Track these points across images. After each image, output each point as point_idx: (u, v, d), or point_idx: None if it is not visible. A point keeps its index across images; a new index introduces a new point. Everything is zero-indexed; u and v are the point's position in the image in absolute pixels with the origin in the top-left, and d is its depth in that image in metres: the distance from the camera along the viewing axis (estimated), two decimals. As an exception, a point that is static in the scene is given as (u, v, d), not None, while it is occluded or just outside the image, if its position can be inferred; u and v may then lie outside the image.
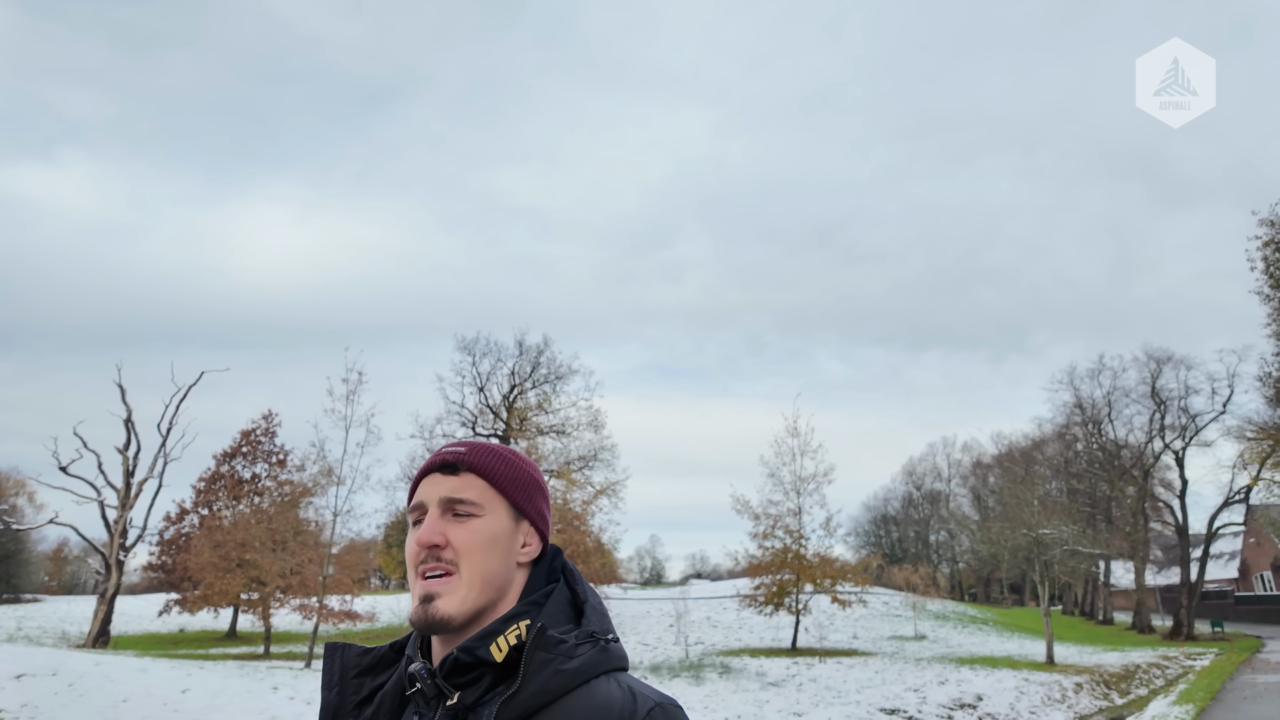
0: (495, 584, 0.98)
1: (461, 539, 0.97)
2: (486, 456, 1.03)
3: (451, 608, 0.94)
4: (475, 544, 0.97)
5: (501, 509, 1.01)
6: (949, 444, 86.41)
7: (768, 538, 25.38)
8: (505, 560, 1.00)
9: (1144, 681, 20.47)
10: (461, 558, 0.96)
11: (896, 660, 21.15)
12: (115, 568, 28.09)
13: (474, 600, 0.95)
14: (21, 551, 65.21)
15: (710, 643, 27.20)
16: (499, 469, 1.02)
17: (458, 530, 0.97)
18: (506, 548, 1.00)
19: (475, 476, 1.01)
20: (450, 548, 0.96)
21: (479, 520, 0.99)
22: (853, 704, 12.70)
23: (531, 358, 38.26)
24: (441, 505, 0.99)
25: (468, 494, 0.99)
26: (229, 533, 24.37)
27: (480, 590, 0.96)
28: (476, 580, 0.96)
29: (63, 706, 6.67)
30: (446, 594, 0.94)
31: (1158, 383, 39.59)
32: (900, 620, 35.15)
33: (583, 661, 0.91)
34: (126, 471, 29.23)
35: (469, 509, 0.98)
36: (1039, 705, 15.11)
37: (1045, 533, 21.62)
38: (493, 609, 0.98)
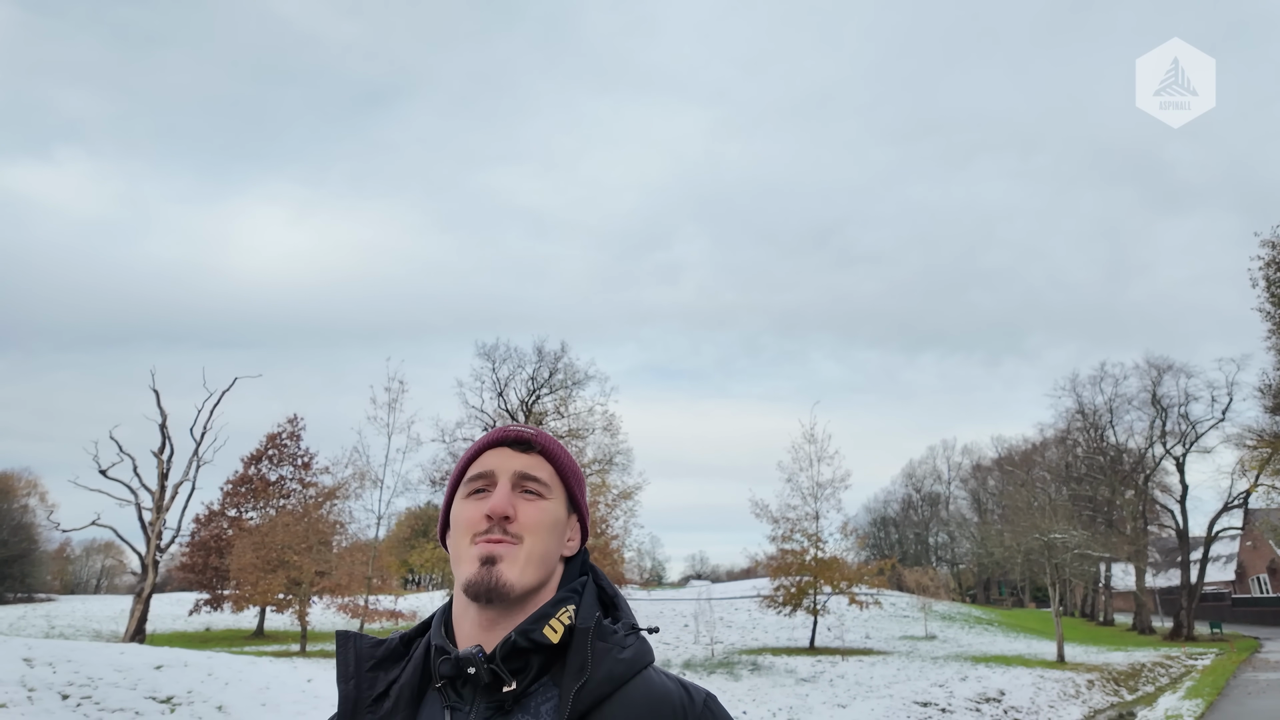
0: (549, 567, 0.98)
1: (530, 515, 0.97)
2: (554, 443, 1.05)
3: (514, 575, 0.92)
4: (542, 523, 0.97)
5: (561, 497, 1.02)
6: (949, 447, 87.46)
7: (787, 540, 26.33)
8: (558, 548, 1.00)
9: (1150, 679, 21.45)
10: (527, 533, 0.95)
11: (913, 659, 22.11)
12: (151, 568, 28.91)
13: (533, 575, 0.94)
14: (35, 551, 65.87)
15: (729, 642, 28.11)
16: (564, 458, 1.04)
17: (526, 507, 0.97)
18: (560, 535, 1.01)
19: (544, 460, 1.02)
20: (518, 522, 0.96)
21: (546, 502, 0.99)
22: (887, 698, 13.64)
23: (550, 363, 39.17)
24: (513, 478, 0.99)
25: (540, 473, 1.00)
26: (268, 534, 25.21)
27: (539, 567, 0.96)
28: (536, 556, 0.95)
29: (219, 691, 7.53)
30: (509, 560, 0.93)
31: (1158, 390, 40.73)
32: (909, 621, 36.11)
33: (634, 652, 0.92)
34: (161, 475, 30.08)
35: (538, 488, 0.99)
36: (1056, 700, 16.07)
37: (1056, 536, 22.60)
38: (543, 590, 0.97)
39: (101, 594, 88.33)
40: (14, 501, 67.33)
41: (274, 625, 35.85)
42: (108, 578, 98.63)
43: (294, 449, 36.33)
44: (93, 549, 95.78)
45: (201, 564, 33.58)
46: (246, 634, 34.45)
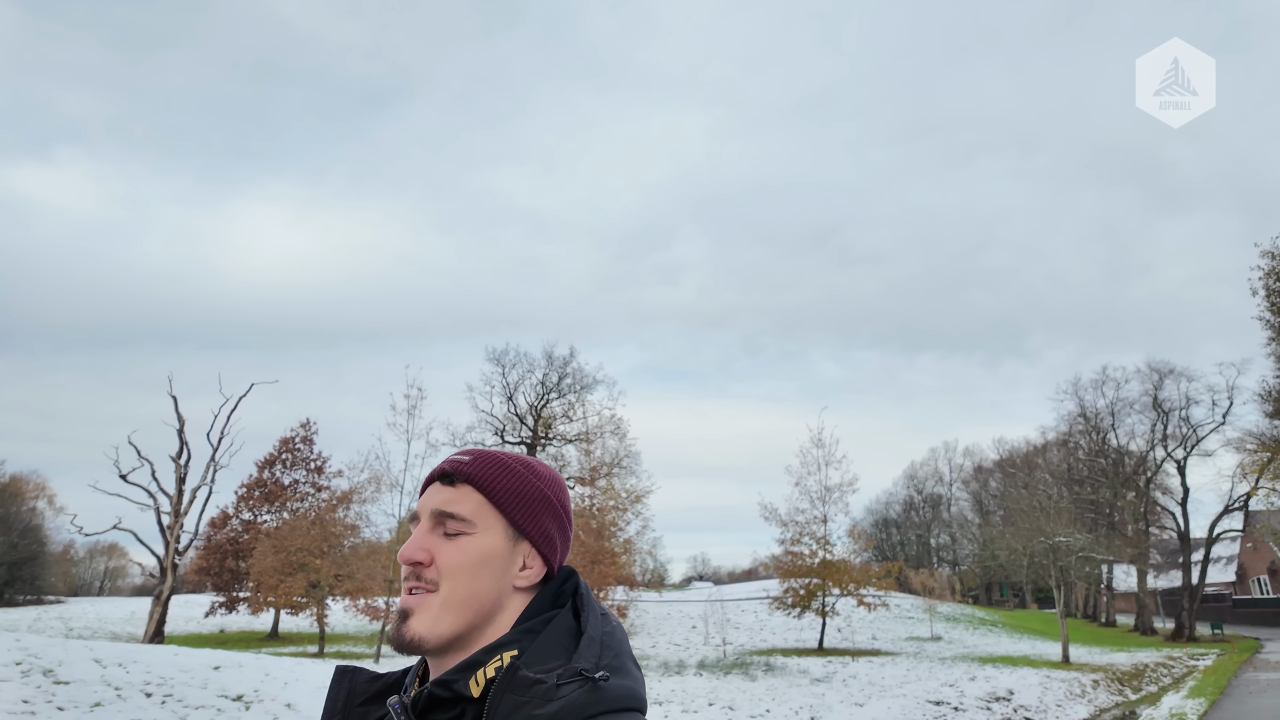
0: (480, 608, 0.89)
1: (447, 557, 0.89)
2: (489, 468, 0.94)
3: (423, 628, 0.86)
4: (461, 564, 0.89)
5: (497, 527, 0.92)
6: (950, 448, 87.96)
7: (796, 544, 26.81)
8: (496, 582, 0.91)
9: (1153, 679, 21.93)
10: (444, 578, 0.88)
11: (921, 659, 22.59)
12: (170, 571, 29.42)
13: (449, 624, 0.87)
14: (44, 554, 66.39)
15: (738, 643, 28.59)
16: (500, 482, 0.93)
17: (445, 548, 0.90)
18: (499, 569, 0.91)
19: (472, 489, 0.93)
20: (434, 566, 0.89)
21: (469, 538, 0.90)
22: (901, 697, 14.12)
23: (559, 368, 39.69)
24: (433, 519, 0.92)
25: (460, 509, 0.91)
26: (287, 538, 25.69)
27: (458, 613, 0.87)
28: (455, 601, 0.87)
29: (281, 689, 7.97)
30: (420, 612, 0.87)
31: (1159, 394, 41.24)
32: (913, 622, 36.58)
33: (564, 705, 0.76)
34: (179, 479, 30.60)
35: (459, 526, 0.90)
36: (1063, 699, 16.55)
37: (1061, 540, 23.09)
38: (477, 634, 0.88)
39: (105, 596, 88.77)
40: (23, 504, 67.90)
41: (286, 627, 36.33)
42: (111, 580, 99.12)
43: (306, 453, 36.82)
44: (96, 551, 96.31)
45: (217, 567, 34.07)
46: (261, 635, 34.93)
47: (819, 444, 27.81)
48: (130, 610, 49.42)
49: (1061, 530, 23.87)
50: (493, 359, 39.17)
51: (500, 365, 39.29)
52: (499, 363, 39.35)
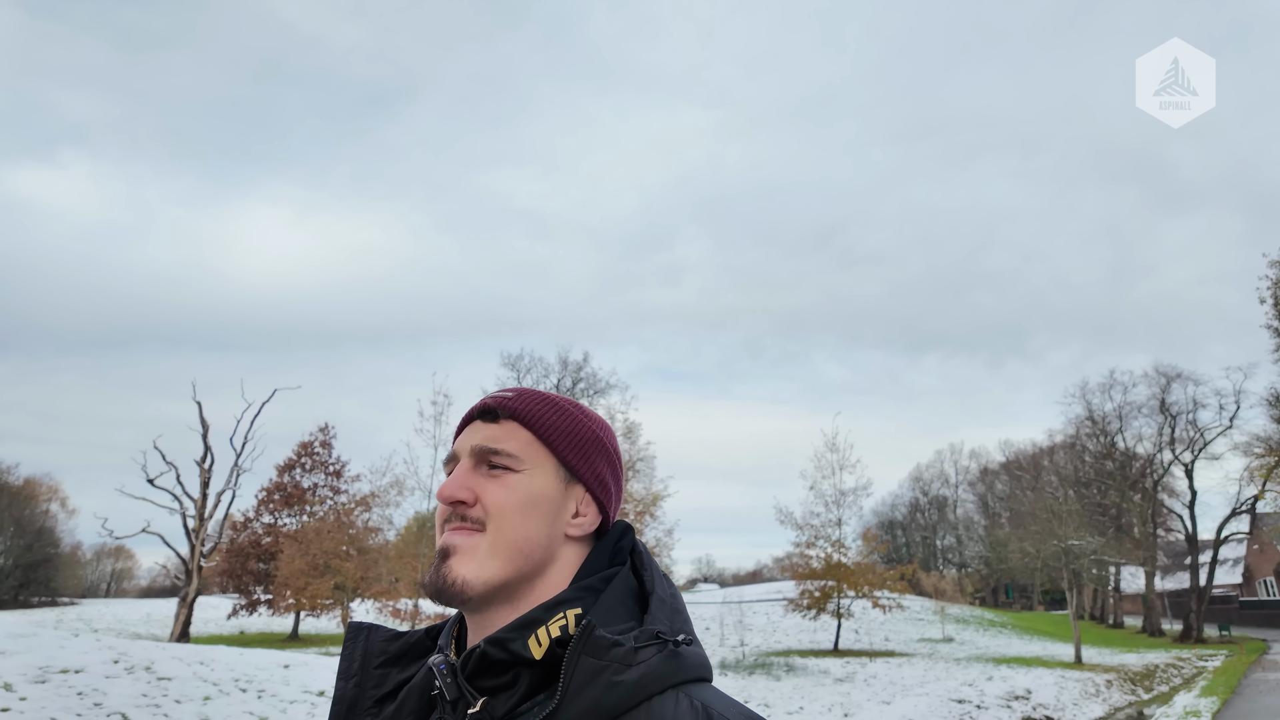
0: (530, 555, 0.77)
1: (493, 495, 0.78)
2: (536, 404, 0.83)
3: (469, 571, 0.74)
4: (508, 503, 0.77)
5: (548, 467, 0.81)
6: (956, 450, 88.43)
7: (811, 546, 27.31)
8: (548, 528, 0.79)
9: (1164, 679, 22.41)
10: (491, 518, 0.77)
11: (936, 660, 23.08)
12: (195, 573, 29.98)
13: (497, 569, 0.75)
14: (57, 556, 67.12)
15: (753, 645, 29.08)
16: (550, 419, 0.82)
17: (490, 486, 0.78)
18: (550, 513, 0.79)
19: (519, 426, 0.81)
20: (480, 505, 0.77)
21: (516, 476, 0.79)
22: (924, 695, 14.63)
23: (572, 372, 40.21)
24: (475, 456, 0.80)
25: (506, 444, 0.80)
26: (313, 540, 26.25)
27: (507, 559, 0.76)
28: (504, 545, 0.76)
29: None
30: (464, 552, 0.75)
31: (1167, 397, 41.71)
32: (924, 624, 37.03)
33: (644, 671, 0.68)
34: (203, 483, 31.15)
35: (505, 461, 0.79)
36: (1079, 699, 17.04)
37: (1074, 543, 23.58)
38: (527, 587, 0.77)
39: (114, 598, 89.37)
40: (36, 507, 68.59)
41: (306, 629, 36.87)
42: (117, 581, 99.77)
43: (325, 457, 37.37)
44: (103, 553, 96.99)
45: (240, 569, 34.64)
46: (282, 637, 35.47)
47: (833, 448, 28.35)
48: (145, 612, 50.02)
49: (1073, 533, 24.34)
50: (507, 363, 39.68)
51: (515, 369, 39.80)
52: (513, 367, 39.86)
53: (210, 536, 31.38)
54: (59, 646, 8.21)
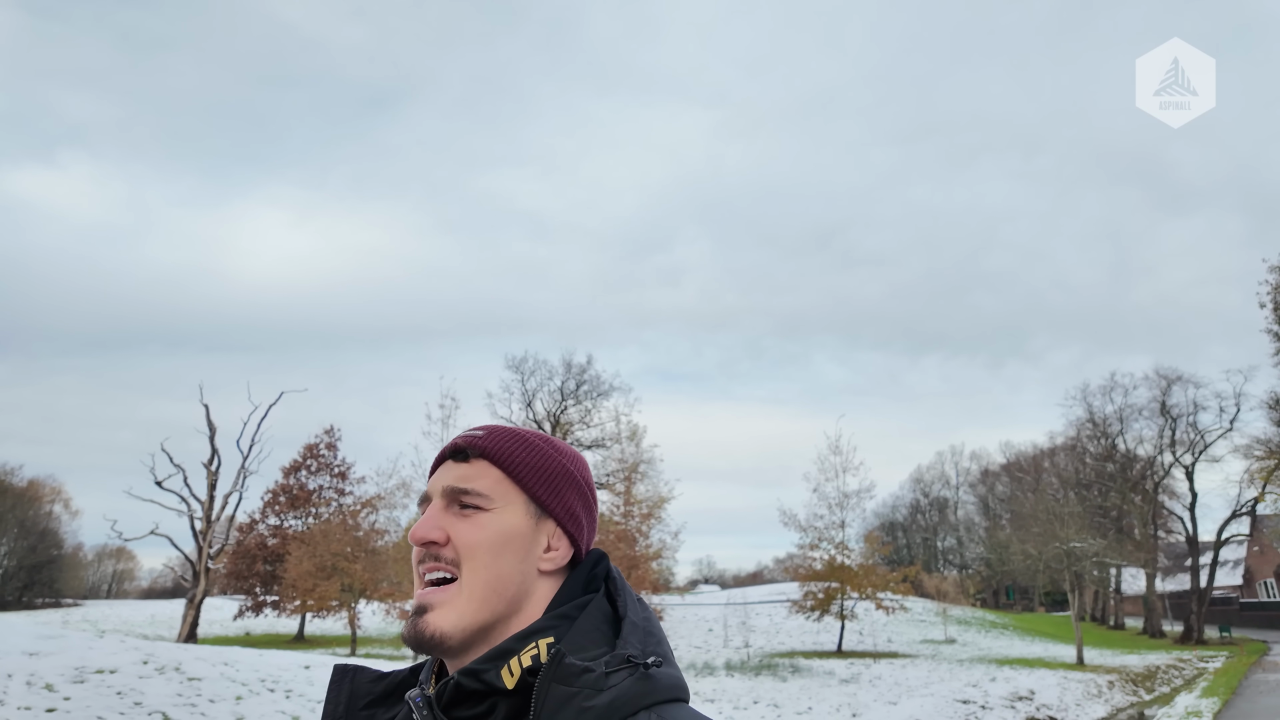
0: (505, 594, 0.79)
1: (464, 535, 0.79)
2: (506, 441, 0.85)
3: (447, 623, 0.76)
4: (481, 542, 0.79)
5: (518, 504, 0.82)
6: (957, 452, 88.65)
7: (815, 549, 27.52)
8: (520, 565, 0.80)
9: (1165, 680, 22.61)
10: (464, 559, 0.78)
11: (939, 661, 23.28)
12: (203, 575, 30.20)
13: (475, 614, 0.77)
14: (62, 556, 67.29)
15: (756, 646, 29.29)
16: (519, 456, 0.84)
17: (462, 526, 0.80)
18: (522, 550, 0.81)
19: (489, 464, 0.83)
20: (451, 546, 0.79)
21: (487, 515, 0.80)
22: (929, 696, 14.83)
23: (576, 375, 40.44)
24: (446, 496, 0.82)
25: (477, 484, 0.81)
26: (320, 542, 26.46)
27: (484, 601, 0.77)
28: (479, 588, 0.78)
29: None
30: (442, 605, 0.77)
31: (1167, 400, 41.94)
32: (927, 625, 37.24)
33: (616, 695, 0.69)
34: (210, 485, 31.38)
35: (475, 500, 0.81)
36: (1081, 699, 17.24)
37: (1076, 545, 23.78)
38: (502, 625, 0.78)
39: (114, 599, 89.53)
40: (39, 508, 68.79)
41: (311, 630, 37.08)
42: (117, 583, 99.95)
43: (330, 459, 37.60)
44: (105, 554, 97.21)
45: (246, 570, 34.85)
46: (287, 638, 35.67)
47: (836, 450, 28.56)
48: (150, 613, 50.19)
49: (1075, 535, 24.55)
50: (512, 366, 39.96)
51: (519, 373, 40.07)
52: (518, 370, 40.13)
53: (217, 538, 31.63)
54: (88, 648, 8.42)
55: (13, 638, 7.80)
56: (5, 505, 61.24)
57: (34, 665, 6.82)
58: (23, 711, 5.57)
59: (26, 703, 5.77)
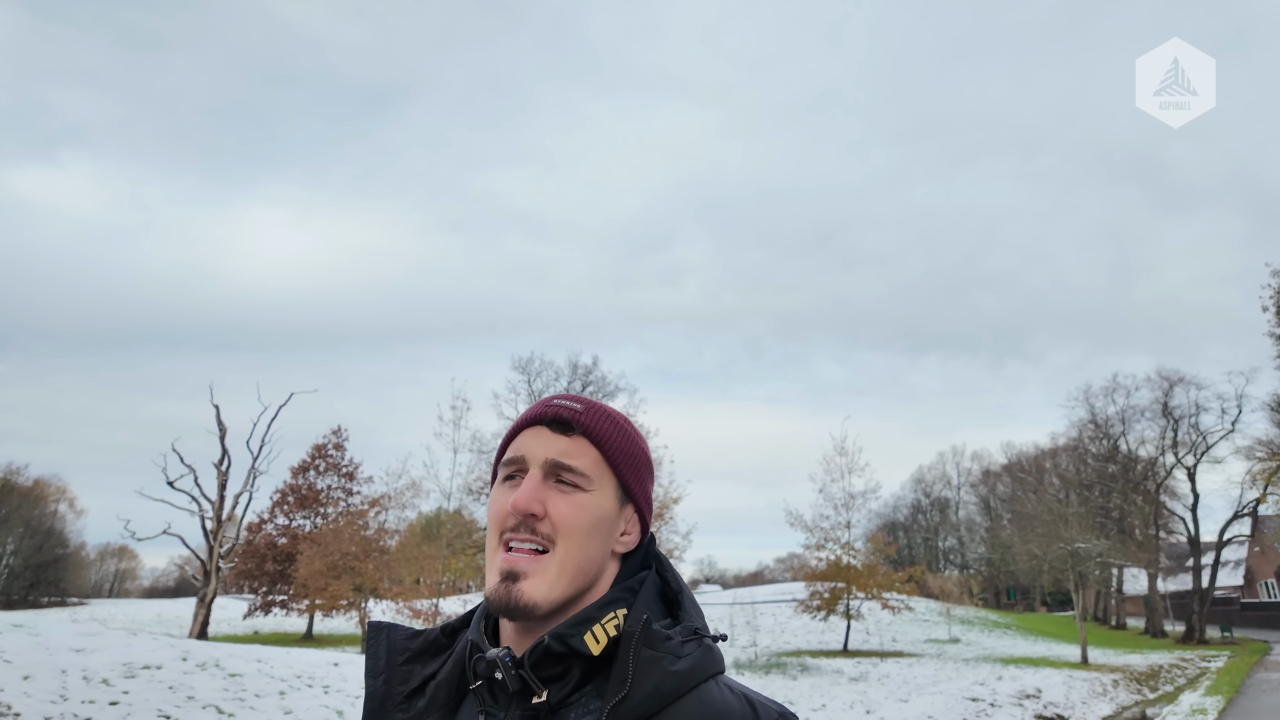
0: (589, 573, 0.83)
1: (565, 514, 0.82)
2: (605, 422, 0.87)
3: (539, 593, 0.79)
4: (579, 523, 0.82)
5: (610, 487, 0.86)
6: (958, 452, 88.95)
7: (821, 549, 27.78)
8: (604, 547, 0.85)
9: (1169, 679, 22.87)
10: (560, 535, 0.81)
11: (945, 660, 23.54)
12: (214, 574, 30.47)
13: (564, 588, 0.81)
14: (69, 556, 67.59)
15: (763, 645, 29.54)
16: (616, 440, 0.87)
17: (561, 502, 0.82)
18: (608, 533, 0.86)
19: (589, 443, 0.86)
20: (549, 521, 0.81)
21: (586, 496, 0.84)
22: (939, 694, 15.09)
23: (582, 376, 40.70)
24: (546, 468, 0.84)
25: (579, 462, 0.84)
26: (332, 542, 26.73)
27: (573, 578, 0.82)
28: (571, 565, 0.81)
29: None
30: (535, 575, 0.80)
31: (1169, 401, 42.19)
32: (930, 625, 37.49)
33: (692, 662, 0.77)
34: (220, 485, 31.64)
35: (577, 479, 0.84)
36: (1087, 698, 17.51)
37: (1081, 546, 24.04)
38: (580, 599, 0.83)
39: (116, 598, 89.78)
40: (45, 507, 69.10)
41: (319, 629, 37.36)
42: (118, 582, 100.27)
43: (338, 459, 37.87)
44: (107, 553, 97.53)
45: (256, 570, 35.13)
46: (296, 637, 35.94)
47: (842, 452, 28.81)
48: (155, 612, 50.49)
49: (1080, 537, 24.81)
50: (518, 367, 40.19)
51: (525, 374, 40.32)
52: (524, 371, 40.37)
53: (228, 538, 31.88)
54: (127, 645, 8.68)
55: (58, 635, 8.06)
56: (11, 505, 61.56)
57: (84, 661, 7.07)
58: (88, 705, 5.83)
59: (89, 696, 6.03)
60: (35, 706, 5.43)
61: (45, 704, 5.54)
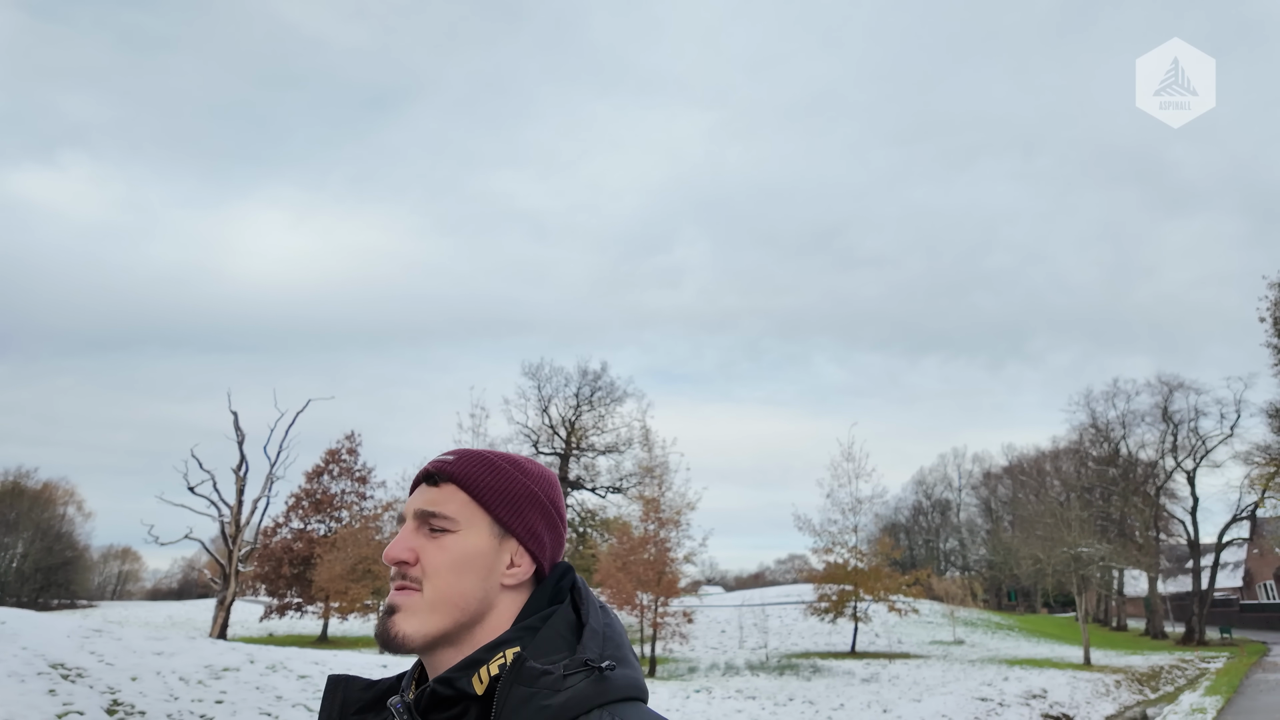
0: (466, 608, 0.88)
1: (430, 556, 0.89)
2: (473, 466, 0.93)
3: (410, 627, 0.86)
4: (443, 563, 0.88)
5: (482, 525, 0.92)
6: (959, 454, 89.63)
7: (829, 553, 28.40)
8: (482, 582, 0.90)
9: (1170, 680, 23.50)
10: (427, 577, 0.88)
11: (951, 662, 24.15)
12: (233, 577, 31.08)
13: (435, 623, 0.86)
14: (78, 558, 68.14)
15: (772, 647, 30.15)
16: (484, 480, 0.93)
17: (429, 547, 0.89)
18: (484, 568, 0.90)
19: (456, 489, 0.92)
20: (419, 565, 0.88)
21: (452, 537, 0.90)
22: (949, 694, 15.70)
23: (590, 382, 41.37)
24: (417, 518, 0.92)
25: (444, 508, 0.91)
26: (351, 546, 27.33)
27: (445, 613, 0.87)
28: (440, 602, 0.87)
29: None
30: (406, 611, 0.87)
31: (1169, 406, 42.89)
32: (934, 627, 38.11)
33: (571, 695, 0.78)
34: (239, 490, 32.24)
35: (443, 524, 0.90)
36: (1091, 698, 18.12)
37: (1084, 550, 24.65)
38: (467, 633, 0.88)
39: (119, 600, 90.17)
40: (54, 510, 69.66)
41: (334, 631, 37.94)
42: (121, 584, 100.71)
43: (352, 464, 38.48)
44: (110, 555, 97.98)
45: (273, 574, 35.72)
46: (311, 639, 36.51)
47: (849, 458, 29.43)
48: (166, 614, 51.07)
49: (1083, 540, 25.43)
50: (528, 373, 40.95)
51: (535, 380, 41.01)
52: (534, 377, 41.08)
53: (247, 542, 32.46)
54: (196, 649, 9.28)
55: (134, 639, 8.64)
56: (21, 508, 62.14)
57: (170, 664, 7.65)
58: (197, 703, 6.40)
59: (195, 695, 6.61)
60: (156, 706, 5.99)
61: (161, 703, 6.11)
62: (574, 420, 41.29)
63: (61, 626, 8.58)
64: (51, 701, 5.64)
